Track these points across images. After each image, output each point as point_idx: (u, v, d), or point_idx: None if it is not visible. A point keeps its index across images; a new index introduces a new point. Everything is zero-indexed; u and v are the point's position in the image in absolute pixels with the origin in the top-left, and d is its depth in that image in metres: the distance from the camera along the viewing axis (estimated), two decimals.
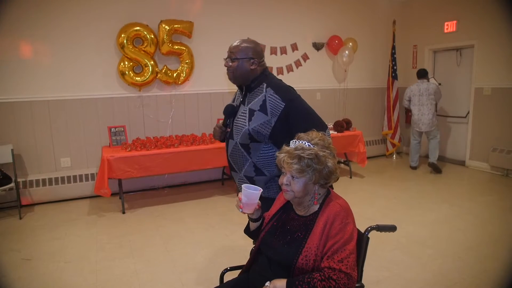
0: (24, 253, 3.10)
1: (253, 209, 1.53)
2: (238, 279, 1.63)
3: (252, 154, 1.91)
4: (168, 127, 4.95)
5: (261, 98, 1.88)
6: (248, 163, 1.94)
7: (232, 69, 1.92)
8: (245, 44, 1.91)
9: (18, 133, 4.22)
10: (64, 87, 4.35)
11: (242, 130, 1.89)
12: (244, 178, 1.99)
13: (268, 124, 1.84)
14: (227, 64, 1.93)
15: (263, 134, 1.85)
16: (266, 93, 1.87)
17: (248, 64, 1.90)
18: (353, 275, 1.31)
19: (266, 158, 1.91)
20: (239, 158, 1.96)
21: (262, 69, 1.95)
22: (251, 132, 1.86)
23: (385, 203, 4.24)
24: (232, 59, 1.91)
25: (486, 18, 5.27)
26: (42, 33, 4.16)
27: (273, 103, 1.84)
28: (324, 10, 5.80)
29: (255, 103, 1.89)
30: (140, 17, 4.52)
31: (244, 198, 1.49)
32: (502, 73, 5.17)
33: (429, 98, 5.37)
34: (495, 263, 2.81)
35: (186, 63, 4.74)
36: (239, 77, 1.93)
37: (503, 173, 5.21)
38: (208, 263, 2.91)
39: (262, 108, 1.85)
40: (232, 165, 2.04)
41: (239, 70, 1.91)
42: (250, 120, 1.87)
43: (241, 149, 1.93)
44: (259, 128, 1.85)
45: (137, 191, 4.84)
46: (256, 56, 1.91)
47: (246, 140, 1.89)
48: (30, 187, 4.29)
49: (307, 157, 1.39)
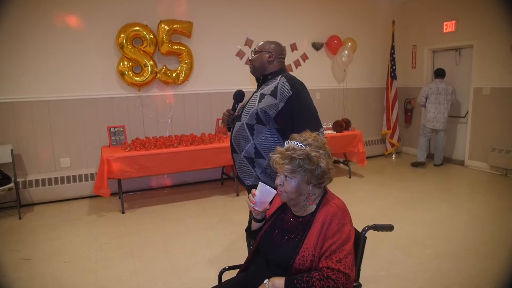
0: (24, 253, 3.11)
1: (264, 208, 1.53)
2: (236, 278, 1.64)
3: (255, 135, 2.04)
4: (167, 127, 4.96)
5: (274, 85, 2.04)
6: (250, 144, 2.06)
7: (252, 60, 2.15)
8: (267, 41, 2.17)
9: (18, 133, 4.22)
10: (64, 87, 4.36)
11: (251, 110, 2.04)
12: (244, 159, 2.10)
13: (275, 107, 1.99)
14: (251, 57, 2.17)
15: (269, 114, 2.00)
16: (279, 81, 2.03)
17: (266, 57, 2.12)
18: (352, 275, 1.33)
19: (267, 142, 2.03)
20: (242, 138, 2.08)
21: (280, 65, 2.16)
22: (259, 112, 2.00)
23: (384, 202, 4.25)
24: (254, 52, 2.16)
25: (485, 18, 5.27)
26: (42, 34, 4.16)
27: (283, 89, 1.99)
28: (323, 10, 5.80)
29: (267, 89, 2.05)
30: (140, 17, 4.52)
31: (258, 194, 1.49)
32: (501, 73, 5.17)
33: (447, 98, 5.49)
34: (494, 263, 2.82)
35: (186, 63, 4.75)
36: (258, 67, 2.14)
37: (502, 173, 5.22)
38: (207, 262, 2.92)
39: (272, 93, 2.01)
40: (234, 147, 2.16)
41: (257, 61, 2.13)
42: (259, 101, 2.03)
43: (245, 129, 2.06)
44: (266, 108, 2.00)
45: (136, 191, 4.84)
46: (274, 52, 2.13)
47: (252, 120, 2.03)
48: (29, 187, 4.30)
49: (298, 157, 1.40)
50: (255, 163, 2.07)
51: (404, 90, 6.64)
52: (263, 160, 2.04)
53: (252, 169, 2.08)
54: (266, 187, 1.48)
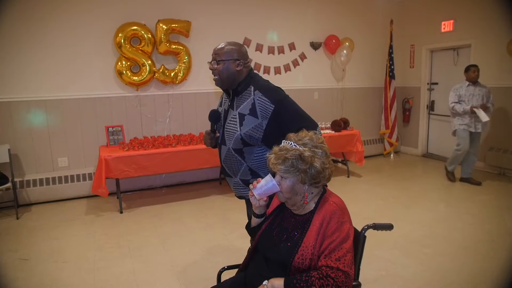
0: (21, 253, 3.09)
1: (261, 197, 1.49)
2: (235, 278, 1.64)
3: (247, 158, 1.92)
4: (165, 127, 4.95)
5: (250, 101, 1.85)
6: (243, 167, 1.94)
7: (217, 71, 1.88)
8: (229, 46, 1.89)
9: (15, 133, 4.20)
10: (62, 86, 4.34)
11: (234, 135, 1.87)
12: (240, 181, 1.98)
13: (260, 127, 1.84)
14: (212, 66, 1.90)
15: (255, 137, 1.85)
16: (254, 96, 1.85)
17: (234, 66, 1.87)
18: (351, 273, 1.32)
19: (260, 160, 1.92)
20: (234, 163, 1.95)
21: (247, 71, 1.93)
22: (244, 137, 1.85)
23: (383, 202, 4.25)
24: (218, 61, 1.87)
25: (483, 18, 5.28)
26: (40, 34, 4.14)
27: (262, 105, 1.82)
28: (321, 10, 5.81)
29: (244, 107, 1.87)
30: (138, 17, 4.51)
31: (263, 182, 1.46)
32: (498, 72, 5.18)
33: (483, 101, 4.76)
34: (492, 262, 2.82)
35: (184, 63, 4.73)
36: (226, 79, 1.89)
37: (500, 172, 5.23)
38: (206, 262, 2.91)
39: (252, 111, 1.84)
40: (226, 171, 2.03)
41: (225, 72, 1.87)
42: (241, 125, 1.85)
43: (234, 155, 1.92)
44: (251, 132, 1.84)
45: (134, 190, 4.83)
46: (241, 57, 1.89)
47: (239, 145, 1.88)
48: (27, 187, 4.28)
49: (291, 157, 1.39)
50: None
51: (402, 89, 6.65)
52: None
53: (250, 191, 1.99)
54: (273, 181, 1.44)
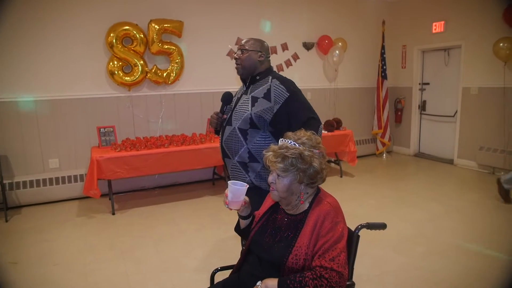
0: (11, 257, 3.04)
1: (239, 206, 1.52)
2: (229, 279, 1.63)
3: (249, 140, 2.00)
4: (158, 127, 4.91)
5: (266, 87, 1.99)
6: (243, 149, 2.01)
7: (241, 60, 2.04)
8: (254, 39, 2.09)
9: (4, 134, 4.14)
10: (52, 86, 4.28)
11: (244, 115, 1.98)
12: (237, 164, 2.04)
13: (271, 110, 1.96)
14: (238, 55, 2.05)
15: (264, 118, 1.96)
16: (271, 83, 1.99)
17: (256, 56, 2.04)
18: (345, 273, 1.32)
19: (261, 146, 1.99)
20: (235, 143, 2.02)
21: (268, 65, 2.11)
22: (253, 116, 1.96)
23: (375, 201, 4.28)
24: (242, 51, 2.05)
25: (473, 19, 5.35)
26: (30, 33, 4.09)
27: (278, 91, 1.96)
28: (314, 10, 5.82)
29: (258, 92, 2.00)
30: (130, 16, 4.47)
31: (230, 194, 1.49)
32: (488, 73, 5.25)
33: None
34: (483, 260, 2.85)
35: (176, 63, 4.71)
36: (248, 67, 2.04)
37: (490, 171, 5.30)
38: (199, 263, 2.90)
39: (266, 95, 1.97)
40: (226, 151, 2.09)
41: (248, 60, 2.03)
42: (253, 105, 1.97)
43: (238, 134, 2.00)
44: (261, 113, 1.95)
45: (127, 191, 4.79)
46: (264, 51, 2.07)
47: (246, 125, 1.98)
48: (17, 188, 4.22)
49: (291, 156, 1.39)
50: (249, 167, 2.03)
51: (394, 89, 6.70)
52: (257, 164, 2.01)
53: (246, 174, 2.04)
54: (235, 185, 1.47)
